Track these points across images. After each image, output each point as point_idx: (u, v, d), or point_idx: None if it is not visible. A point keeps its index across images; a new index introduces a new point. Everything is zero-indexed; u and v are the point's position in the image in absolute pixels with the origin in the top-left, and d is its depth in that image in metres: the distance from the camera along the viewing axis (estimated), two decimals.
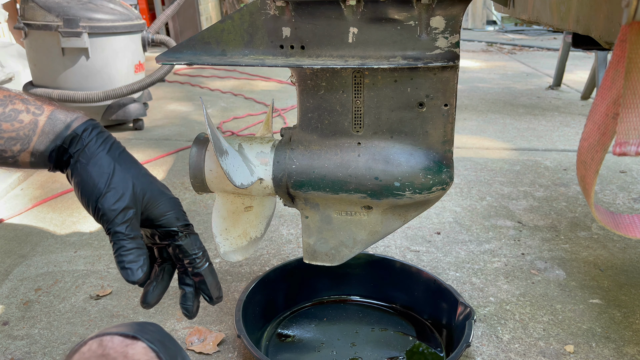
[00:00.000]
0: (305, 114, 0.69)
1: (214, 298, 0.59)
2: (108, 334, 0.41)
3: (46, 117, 0.50)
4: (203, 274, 0.57)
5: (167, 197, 0.54)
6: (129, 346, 0.40)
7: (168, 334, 0.46)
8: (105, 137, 0.52)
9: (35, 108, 0.50)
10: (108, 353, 0.39)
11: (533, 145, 1.80)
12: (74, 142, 0.50)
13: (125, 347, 0.40)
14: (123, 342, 0.40)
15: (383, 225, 0.72)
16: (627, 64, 0.38)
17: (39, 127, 0.50)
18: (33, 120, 0.50)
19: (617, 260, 1.06)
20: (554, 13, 0.64)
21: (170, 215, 0.54)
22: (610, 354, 0.80)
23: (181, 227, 0.55)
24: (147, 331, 0.43)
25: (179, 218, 0.55)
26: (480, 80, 2.94)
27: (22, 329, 0.85)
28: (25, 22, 1.75)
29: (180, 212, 0.55)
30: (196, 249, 0.56)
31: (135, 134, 1.94)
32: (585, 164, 0.44)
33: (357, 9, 0.60)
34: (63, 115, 0.51)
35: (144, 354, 0.40)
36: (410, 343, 0.82)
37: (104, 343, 0.40)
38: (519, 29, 5.77)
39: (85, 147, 0.50)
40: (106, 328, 0.43)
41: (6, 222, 1.23)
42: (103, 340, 0.40)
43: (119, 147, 0.53)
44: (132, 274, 0.49)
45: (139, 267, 0.50)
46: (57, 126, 0.50)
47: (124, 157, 0.52)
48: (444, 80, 0.63)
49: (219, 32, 0.64)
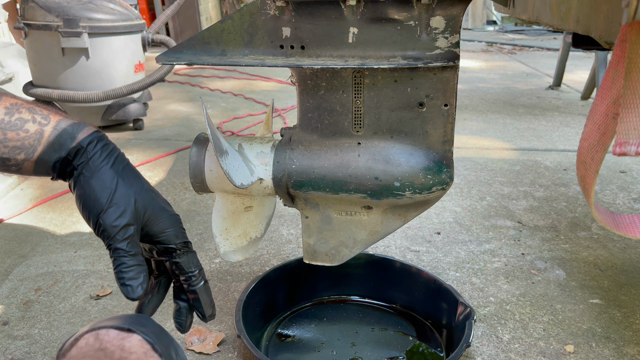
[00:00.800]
0: (305, 114, 0.69)
1: (207, 316, 0.59)
2: (103, 327, 0.41)
3: (52, 128, 0.50)
4: (198, 291, 0.57)
5: (167, 214, 0.54)
6: (125, 339, 0.40)
7: (159, 325, 0.46)
8: (109, 150, 0.52)
9: (41, 118, 0.50)
10: (105, 347, 0.40)
11: (533, 145, 1.80)
12: (79, 155, 0.50)
13: (121, 340, 0.40)
14: (119, 335, 0.41)
15: (383, 225, 0.72)
16: (627, 64, 0.38)
17: (44, 137, 0.50)
18: (39, 130, 0.50)
19: (617, 260, 1.06)
20: (554, 13, 0.64)
21: (170, 232, 0.54)
22: (610, 354, 0.80)
23: (180, 245, 0.55)
24: (141, 323, 0.43)
25: (178, 235, 0.55)
26: (481, 80, 2.94)
27: (22, 329, 0.85)
28: (25, 22, 1.75)
29: (180, 230, 0.55)
30: (193, 267, 0.56)
31: (135, 134, 1.94)
32: (585, 164, 0.44)
33: (357, 9, 0.60)
34: (69, 126, 0.51)
35: (140, 346, 0.41)
36: (410, 343, 0.82)
37: (100, 337, 0.40)
38: (519, 29, 5.78)
39: (89, 160, 0.50)
40: (99, 321, 0.43)
41: (6, 222, 1.23)
42: (99, 334, 0.41)
43: (123, 161, 0.53)
44: (132, 291, 0.50)
45: (139, 284, 0.50)
46: (62, 137, 0.50)
47: (128, 172, 0.52)
48: (444, 80, 0.63)
49: (219, 32, 0.64)
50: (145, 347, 0.41)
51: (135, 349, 0.40)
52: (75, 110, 1.85)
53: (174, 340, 0.46)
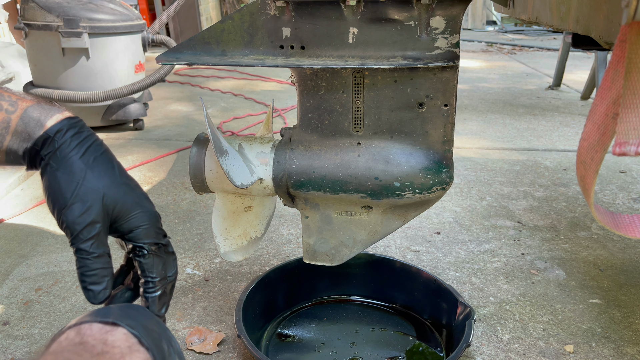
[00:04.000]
0: (305, 114, 0.69)
1: None
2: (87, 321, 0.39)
3: (18, 117, 0.47)
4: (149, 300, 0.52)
5: (141, 211, 0.50)
6: (108, 333, 0.38)
7: (153, 315, 0.43)
8: (82, 138, 0.48)
9: (8, 105, 0.47)
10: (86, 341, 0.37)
11: (533, 145, 1.80)
12: (46, 144, 0.47)
13: (104, 334, 0.38)
14: (102, 329, 0.38)
15: (383, 225, 0.72)
16: (627, 64, 0.38)
17: (11, 126, 0.47)
18: (5, 118, 0.47)
19: (617, 260, 1.06)
20: (554, 13, 0.64)
21: (140, 230, 0.50)
22: (610, 353, 0.80)
23: (149, 244, 0.51)
24: (129, 316, 0.40)
25: (149, 235, 0.51)
26: (480, 80, 2.95)
27: (23, 329, 0.85)
28: (25, 23, 1.76)
29: (153, 229, 0.51)
30: (154, 273, 0.51)
31: (136, 134, 1.94)
32: (585, 164, 0.44)
33: (357, 9, 0.60)
34: (37, 113, 0.47)
35: (125, 340, 0.38)
36: (410, 343, 0.82)
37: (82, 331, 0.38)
38: (519, 29, 5.77)
39: (57, 150, 0.47)
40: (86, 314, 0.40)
41: (6, 222, 1.23)
42: (81, 329, 0.38)
43: (97, 150, 0.49)
44: (93, 296, 0.47)
45: (101, 289, 0.47)
46: (29, 125, 0.47)
47: (99, 163, 0.48)
48: (443, 81, 0.63)
49: (219, 32, 0.64)
50: (130, 341, 0.38)
51: (119, 342, 0.37)
52: (76, 110, 1.84)
53: (169, 330, 0.43)
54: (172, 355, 0.41)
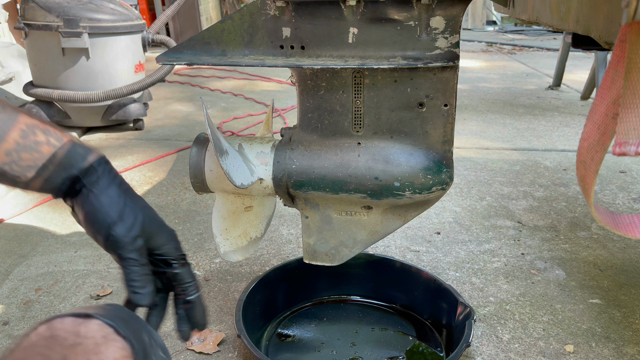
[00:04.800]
0: (305, 114, 0.69)
1: (200, 325, 0.62)
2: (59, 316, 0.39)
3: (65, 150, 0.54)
4: (194, 301, 0.60)
5: (167, 229, 0.58)
6: (81, 324, 0.38)
7: (133, 313, 0.45)
8: (115, 172, 0.57)
9: (55, 140, 0.54)
10: (57, 335, 0.37)
11: (533, 145, 1.80)
12: (89, 174, 0.54)
13: (77, 327, 0.37)
14: (74, 322, 0.38)
15: (383, 225, 0.72)
16: (627, 64, 0.38)
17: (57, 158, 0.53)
18: (51, 151, 0.53)
19: (616, 260, 1.06)
20: (554, 13, 0.64)
21: (170, 246, 0.58)
22: (610, 353, 0.80)
23: (178, 257, 0.59)
24: (105, 309, 0.41)
25: (177, 248, 0.59)
26: (480, 80, 2.95)
27: (23, 329, 0.85)
28: (25, 23, 1.75)
29: (178, 244, 0.59)
30: (190, 278, 0.60)
31: (136, 134, 1.94)
32: (585, 164, 0.44)
33: (357, 9, 0.60)
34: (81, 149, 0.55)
35: (99, 330, 0.38)
36: (410, 343, 0.82)
37: (53, 325, 0.38)
38: (519, 29, 5.77)
39: (99, 179, 0.55)
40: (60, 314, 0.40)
41: (6, 222, 1.23)
42: (52, 323, 0.38)
43: (126, 183, 0.58)
44: (142, 298, 0.53)
45: (148, 292, 0.53)
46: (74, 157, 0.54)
47: (131, 191, 0.57)
48: (443, 81, 0.63)
49: (219, 32, 0.64)
50: (105, 331, 0.38)
51: (93, 333, 0.37)
52: (76, 110, 1.85)
53: (148, 325, 0.44)
54: (153, 346, 0.41)
